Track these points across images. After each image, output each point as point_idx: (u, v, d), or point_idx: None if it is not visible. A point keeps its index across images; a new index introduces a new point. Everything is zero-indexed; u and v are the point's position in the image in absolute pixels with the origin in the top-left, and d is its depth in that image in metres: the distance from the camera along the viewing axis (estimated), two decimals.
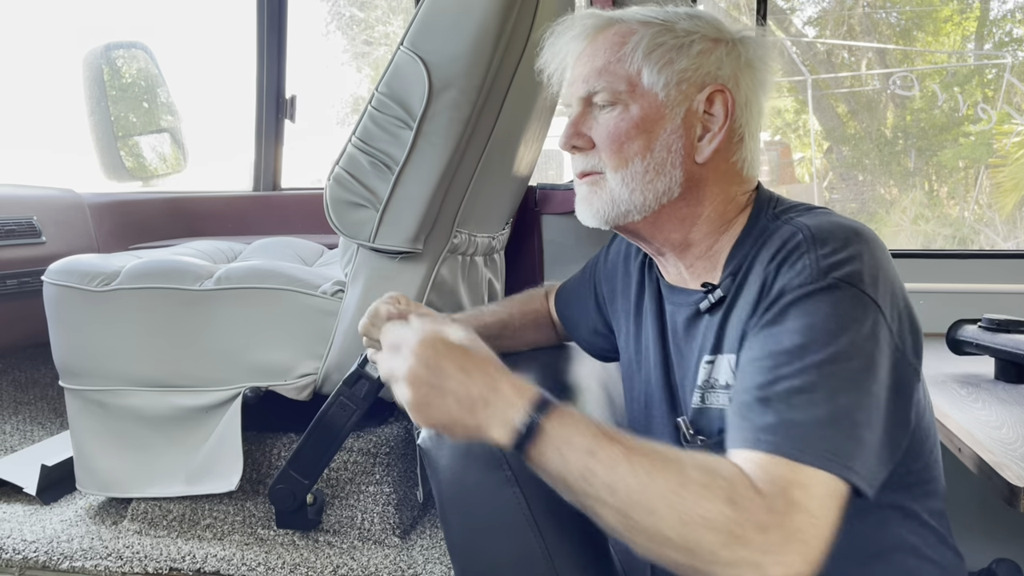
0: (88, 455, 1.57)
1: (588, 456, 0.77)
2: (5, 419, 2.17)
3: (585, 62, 1.01)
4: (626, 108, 0.98)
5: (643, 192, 0.98)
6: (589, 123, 1.01)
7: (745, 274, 0.95)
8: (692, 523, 0.73)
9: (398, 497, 1.51)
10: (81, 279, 1.53)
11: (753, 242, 0.97)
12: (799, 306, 0.84)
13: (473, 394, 0.80)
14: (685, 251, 1.04)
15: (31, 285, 2.09)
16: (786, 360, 0.81)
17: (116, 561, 1.46)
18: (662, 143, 0.98)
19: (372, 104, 1.36)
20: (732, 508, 0.72)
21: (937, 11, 5.88)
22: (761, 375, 0.82)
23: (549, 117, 1.91)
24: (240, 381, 1.48)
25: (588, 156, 1.02)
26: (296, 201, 2.53)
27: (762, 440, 0.77)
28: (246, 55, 2.55)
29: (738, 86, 0.99)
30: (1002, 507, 1.04)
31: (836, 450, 0.76)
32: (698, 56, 0.98)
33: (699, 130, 0.99)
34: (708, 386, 0.97)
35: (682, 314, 1.04)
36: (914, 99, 5.59)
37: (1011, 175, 5.44)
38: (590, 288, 1.33)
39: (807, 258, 0.87)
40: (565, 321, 1.40)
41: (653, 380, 1.09)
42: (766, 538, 0.72)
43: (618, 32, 1.00)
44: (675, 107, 0.98)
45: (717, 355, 0.96)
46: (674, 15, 1.00)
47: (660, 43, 0.98)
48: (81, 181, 2.53)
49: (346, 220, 1.40)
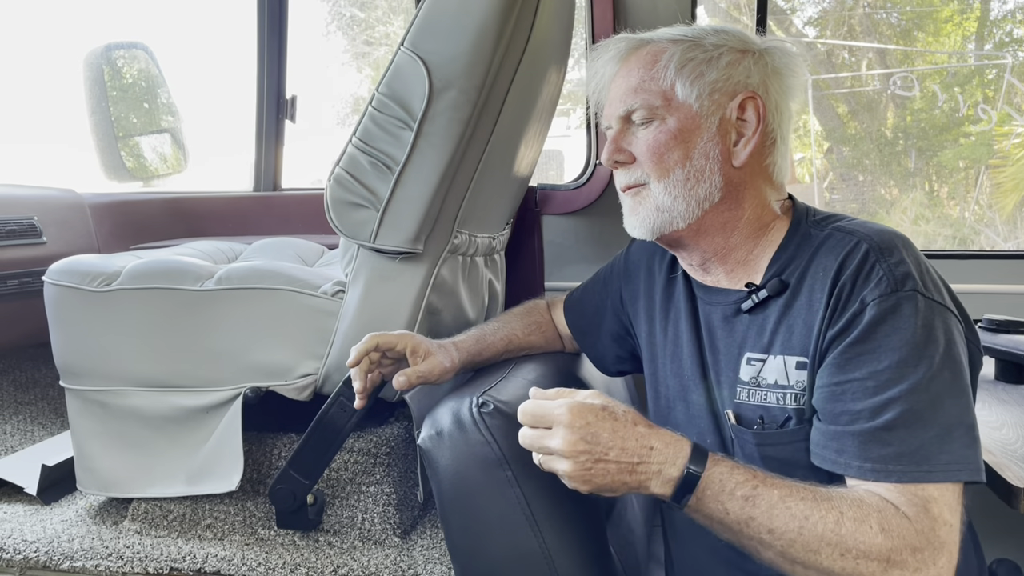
0: (89, 455, 1.57)
1: (746, 503, 0.85)
2: (6, 419, 2.17)
3: (620, 83, 1.08)
4: (663, 121, 1.04)
5: (685, 199, 1.04)
6: (629, 139, 1.08)
7: (800, 279, 1.00)
8: (851, 555, 0.82)
9: (398, 497, 1.51)
10: (82, 279, 1.54)
11: (798, 247, 1.03)
12: (887, 322, 0.90)
13: (631, 456, 0.87)
14: (726, 256, 1.08)
15: (32, 285, 2.09)
16: (890, 381, 0.88)
17: (117, 561, 1.46)
18: (700, 151, 1.03)
19: (372, 104, 1.36)
20: (886, 537, 0.82)
21: (937, 11, 5.87)
22: (867, 397, 0.89)
23: (549, 117, 1.91)
24: (240, 381, 1.48)
25: (631, 170, 1.08)
26: (296, 201, 2.53)
27: (892, 471, 0.86)
28: (247, 55, 2.55)
29: (767, 92, 1.05)
30: (1002, 507, 1.04)
31: (956, 460, 0.86)
32: (727, 67, 1.04)
33: (734, 136, 1.05)
34: (755, 384, 1.01)
35: (718, 313, 1.09)
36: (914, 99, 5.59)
37: (1011, 175, 5.44)
38: (606, 293, 1.36)
39: (880, 268, 0.93)
40: (576, 331, 1.42)
41: (688, 374, 1.13)
42: (920, 557, 0.81)
43: (649, 52, 1.06)
44: (709, 116, 1.04)
45: (767, 355, 1.01)
46: (701, 32, 1.06)
47: (690, 58, 1.03)
48: (82, 181, 2.53)
49: (346, 220, 1.40)
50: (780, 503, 0.85)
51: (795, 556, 0.84)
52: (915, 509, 0.84)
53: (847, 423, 0.90)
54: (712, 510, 0.86)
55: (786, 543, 0.84)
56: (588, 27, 2.15)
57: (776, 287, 1.01)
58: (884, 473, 0.86)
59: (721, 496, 0.86)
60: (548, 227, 2.25)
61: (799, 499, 0.85)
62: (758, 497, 0.85)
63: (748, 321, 1.04)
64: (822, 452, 0.93)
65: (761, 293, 1.02)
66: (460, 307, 1.62)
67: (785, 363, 0.99)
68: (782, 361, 0.99)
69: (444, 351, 1.25)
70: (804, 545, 0.83)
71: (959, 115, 5.51)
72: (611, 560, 1.15)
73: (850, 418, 0.90)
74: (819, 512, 0.84)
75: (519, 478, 0.99)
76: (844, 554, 0.82)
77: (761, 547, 0.86)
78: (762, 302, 1.02)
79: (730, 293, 1.08)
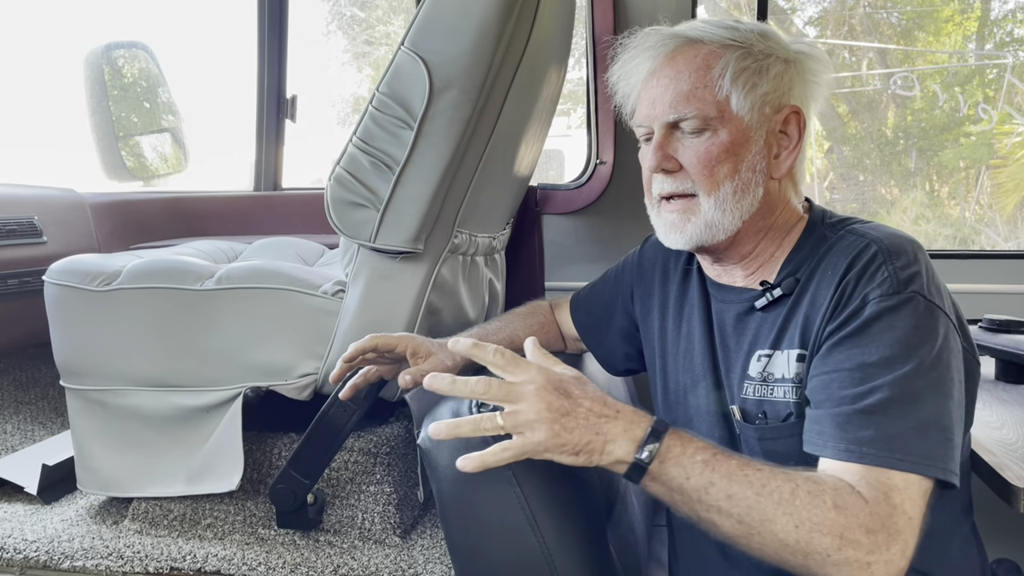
0: (89, 455, 1.57)
1: (705, 467, 0.85)
2: (6, 419, 2.17)
3: (667, 84, 1.04)
4: (715, 133, 1.02)
5: (732, 212, 1.04)
6: (675, 146, 1.05)
7: (808, 277, 1.01)
8: (806, 527, 0.82)
9: (399, 497, 1.52)
10: (82, 279, 1.54)
11: (812, 248, 1.04)
12: (884, 319, 0.92)
13: (596, 412, 0.87)
14: (751, 260, 1.09)
15: (32, 285, 2.09)
16: (876, 372, 0.89)
17: (117, 561, 1.46)
18: (748, 164, 1.03)
19: (373, 104, 1.36)
20: (839, 513, 0.82)
21: (938, 11, 5.87)
22: (854, 385, 0.90)
23: (550, 117, 1.91)
24: (241, 381, 1.48)
25: (677, 179, 1.05)
26: (297, 201, 2.53)
27: (864, 453, 0.86)
28: (247, 55, 2.55)
29: (806, 104, 1.06)
30: (1002, 507, 1.04)
31: (929, 454, 0.86)
32: (775, 79, 1.03)
33: (776, 148, 1.05)
34: (762, 379, 1.03)
35: (731, 311, 1.10)
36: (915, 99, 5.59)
37: (1012, 175, 5.43)
38: (617, 291, 1.36)
39: (885, 269, 0.94)
40: (584, 329, 1.42)
41: (699, 371, 1.14)
42: (873, 539, 0.81)
43: (702, 55, 1.03)
44: (758, 129, 1.03)
45: (775, 350, 1.02)
46: (747, 33, 1.04)
47: (744, 67, 1.02)
48: (82, 181, 2.53)
49: (347, 220, 1.40)
50: (738, 471, 0.85)
51: (752, 524, 0.83)
52: (875, 493, 0.84)
53: (831, 407, 0.91)
54: (673, 475, 0.86)
55: (743, 510, 0.83)
56: (588, 27, 2.15)
57: (790, 285, 1.02)
58: (857, 454, 0.87)
59: (682, 459, 0.86)
60: (548, 227, 2.25)
61: (755, 469, 0.86)
62: (717, 464, 0.86)
63: (760, 319, 1.05)
64: (807, 436, 0.94)
65: (775, 291, 1.03)
66: (460, 307, 1.62)
67: (789, 356, 1.00)
68: (787, 355, 1.00)
69: (445, 351, 1.25)
70: (761, 512, 0.83)
71: (959, 115, 5.51)
72: (611, 560, 1.15)
73: (834, 403, 0.91)
74: (776, 482, 0.84)
75: (519, 478, 0.99)
76: (799, 526, 0.82)
77: (719, 517, 0.85)
78: (775, 300, 1.04)
79: (743, 292, 1.09)
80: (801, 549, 0.82)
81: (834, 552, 0.81)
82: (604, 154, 2.17)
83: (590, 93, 2.21)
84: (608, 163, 2.16)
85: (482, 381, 0.87)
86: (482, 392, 0.87)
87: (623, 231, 2.20)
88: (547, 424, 0.85)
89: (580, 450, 0.86)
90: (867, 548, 0.81)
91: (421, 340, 1.23)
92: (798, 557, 0.83)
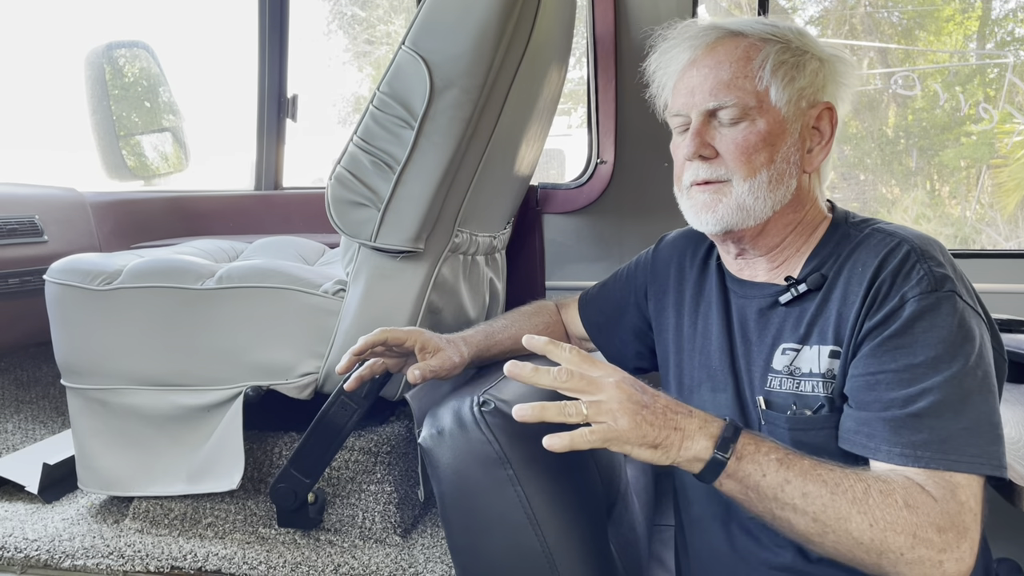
0: (90, 454, 1.57)
1: (781, 466, 0.88)
2: (7, 418, 2.17)
3: (707, 73, 1.06)
4: (753, 122, 1.05)
5: (765, 200, 1.06)
6: (712, 134, 1.07)
7: (836, 273, 1.03)
8: (880, 526, 0.84)
9: (399, 496, 1.52)
10: (83, 278, 1.54)
11: (837, 244, 1.07)
12: (926, 318, 0.93)
13: (674, 410, 0.91)
14: (777, 253, 1.11)
15: (33, 284, 2.09)
16: (924, 373, 0.91)
17: (118, 560, 1.46)
18: (783, 155, 1.06)
19: (373, 103, 1.36)
20: (911, 512, 0.84)
21: (939, 10, 5.87)
22: (902, 387, 0.92)
23: (550, 116, 1.91)
24: (241, 380, 1.48)
25: (713, 165, 1.07)
26: (298, 200, 2.53)
27: (921, 457, 0.89)
28: (248, 54, 2.55)
29: (837, 102, 1.09)
30: (1003, 506, 1.04)
31: (982, 452, 0.88)
32: (811, 75, 1.06)
33: (809, 142, 1.08)
34: (788, 372, 1.04)
35: (754, 306, 1.11)
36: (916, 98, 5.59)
37: (1013, 175, 5.43)
38: (629, 289, 1.37)
39: (920, 268, 0.96)
40: (594, 327, 1.43)
41: (716, 366, 1.15)
42: (944, 537, 0.83)
43: (743, 47, 1.06)
44: (794, 122, 1.06)
45: (803, 345, 1.04)
46: (785, 30, 1.07)
47: (783, 61, 1.05)
48: (83, 180, 2.53)
49: (347, 219, 1.40)
50: (812, 470, 0.87)
51: (827, 523, 0.85)
52: (942, 491, 0.86)
53: (880, 410, 0.93)
54: (750, 472, 0.88)
55: (818, 508, 0.85)
56: (589, 26, 2.15)
57: (817, 281, 1.04)
58: (912, 458, 0.89)
59: (757, 456, 0.88)
60: (549, 226, 2.25)
61: (828, 469, 0.88)
62: (791, 462, 0.88)
63: (784, 313, 1.07)
64: (852, 437, 0.95)
65: (801, 287, 1.05)
66: (461, 306, 1.62)
67: (820, 352, 1.02)
68: (817, 351, 1.02)
69: (453, 346, 1.26)
70: (836, 511, 0.85)
71: (960, 114, 5.51)
72: (612, 559, 1.15)
73: (883, 405, 0.93)
74: (848, 481, 0.86)
75: (520, 477, 0.99)
76: (873, 524, 0.84)
77: (794, 515, 0.87)
78: (800, 295, 1.05)
79: (766, 287, 1.11)
80: (876, 548, 0.84)
81: (907, 551, 0.83)
82: (605, 153, 2.17)
83: (591, 92, 2.21)
84: (609, 163, 2.16)
85: (563, 371, 0.90)
86: (564, 381, 0.90)
87: (624, 230, 2.20)
88: (630, 415, 0.87)
89: (659, 444, 0.89)
90: (939, 546, 0.83)
91: (430, 335, 1.24)
92: (872, 556, 0.85)
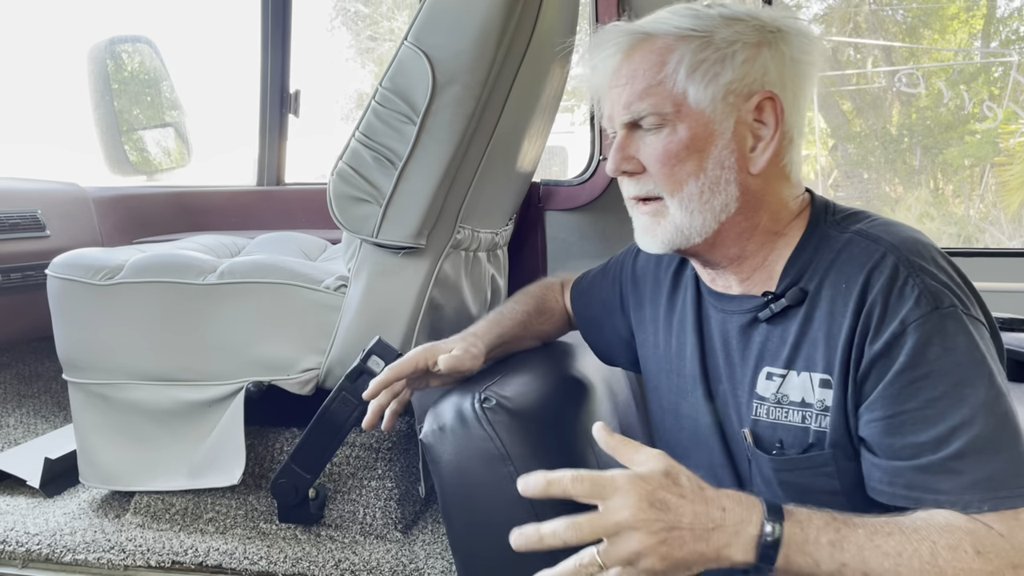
0: (91, 448, 1.57)
1: (834, 549, 0.81)
2: (9, 412, 2.17)
3: (624, 84, 0.98)
4: (673, 129, 0.95)
5: (702, 213, 0.97)
6: (636, 145, 0.99)
7: (818, 288, 0.94)
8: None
9: (400, 492, 1.52)
10: (85, 273, 1.54)
11: (816, 250, 0.97)
12: (935, 344, 0.86)
13: (705, 521, 0.80)
14: (741, 263, 1.02)
15: (35, 279, 2.09)
16: (948, 408, 0.84)
17: (119, 554, 1.46)
18: (714, 160, 0.96)
19: (376, 99, 1.36)
20: (984, 560, 0.79)
21: (944, 9, 5.86)
22: (928, 427, 0.85)
23: (553, 113, 1.90)
24: (243, 375, 1.48)
25: (640, 180, 1.00)
26: (299, 196, 2.53)
27: (972, 502, 0.82)
28: (250, 50, 2.55)
29: (785, 88, 0.97)
30: None
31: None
32: (743, 65, 0.94)
33: (751, 140, 0.97)
34: (775, 400, 0.96)
35: (735, 321, 1.02)
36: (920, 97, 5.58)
37: (1017, 173, 5.43)
38: (613, 292, 1.29)
39: (913, 284, 0.88)
40: (582, 320, 1.36)
41: (689, 387, 1.08)
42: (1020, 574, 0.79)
43: (654, 50, 0.96)
44: (723, 121, 0.95)
45: (789, 370, 0.95)
46: (710, 22, 0.96)
47: (702, 59, 0.94)
48: (85, 175, 2.53)
49: (349, 215, 1.40)
50: (868, 543, 0.81)
51: None
52: (1007, 525, 0.81)
53: (910, 457, 0.86)
54: (801, 564, 0.81)
55: None
56: (592, 22, 2.14)
57: (797, 296, 0.95)
58: (961, 505, 0.83)
59: (806, 547, 0.80)
60: (551, 223, 2.24)
61: (886, 535, 0.81)
62: (844, 540, 0.81)
63: (766, 332, 0.98)
64: (889, 489, 0.88)
65: (780, 303, 0.96)
66: (462, 302, 1.62)
67: (810, 380, 0.94)
68: (807, 378, 0.94)
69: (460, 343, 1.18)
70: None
71: (964, 112, 5.50)
72: None
73: (913, 451, 0.86)
74: (912, 546, 0.80)
75: (521, 473, 0.99)
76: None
77: None
78: (781, 312, 0.96)
79: (744, 300, 1.01)
80: None
81: None
82: (607, 151, 2.17)
83: None
84: None
85: (572, 527, 0.81)
86: (574, 536, 0.81)
87: (626, 227, 2.17)
88: (653, 553, 0.78)
89: (694, 563, 0.81)
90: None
91: (432, 344, 1.17)
92: None
